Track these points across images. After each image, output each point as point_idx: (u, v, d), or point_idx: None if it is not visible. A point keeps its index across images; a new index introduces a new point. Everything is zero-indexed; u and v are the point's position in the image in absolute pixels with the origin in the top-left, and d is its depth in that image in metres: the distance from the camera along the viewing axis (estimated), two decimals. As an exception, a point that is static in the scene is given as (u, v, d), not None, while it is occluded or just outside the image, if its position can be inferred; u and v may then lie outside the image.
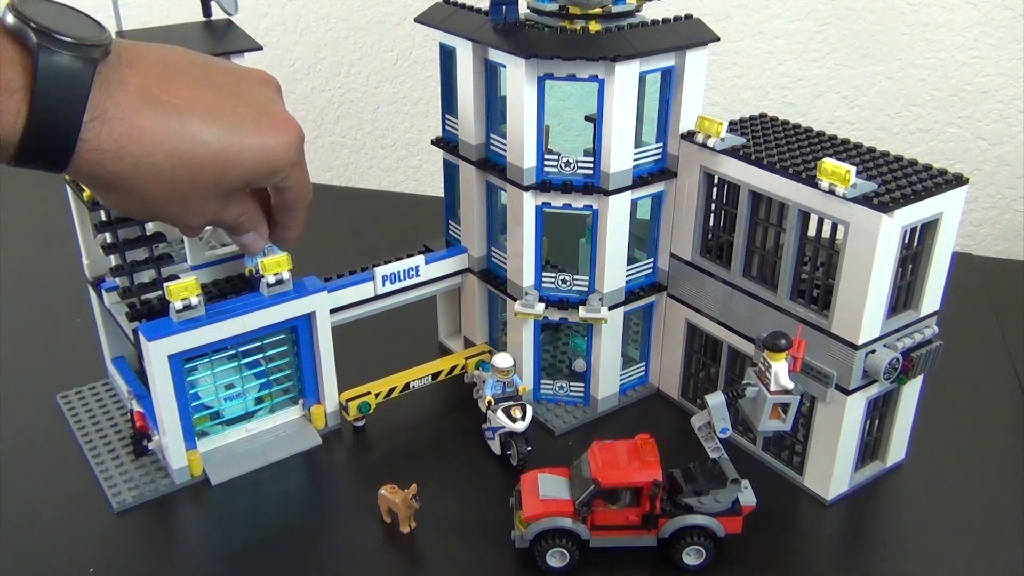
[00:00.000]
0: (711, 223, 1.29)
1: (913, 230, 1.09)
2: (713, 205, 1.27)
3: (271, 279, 1.23)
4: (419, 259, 1.40)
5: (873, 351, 1.12)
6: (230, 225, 0.62)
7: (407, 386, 1.40)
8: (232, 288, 1.28)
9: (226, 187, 0.55)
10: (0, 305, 1.71)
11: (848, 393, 1.13)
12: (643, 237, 1.38)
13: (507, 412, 1.24)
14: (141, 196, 0.52)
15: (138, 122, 0.49)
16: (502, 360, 1.27)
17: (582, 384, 1.39)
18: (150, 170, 0.50)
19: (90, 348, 1.47)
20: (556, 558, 1.08)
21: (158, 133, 0.50)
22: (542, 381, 1.40)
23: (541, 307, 1.31)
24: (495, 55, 1.25)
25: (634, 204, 1.28)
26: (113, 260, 1.22)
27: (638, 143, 1.29)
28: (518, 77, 1.18)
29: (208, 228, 0.66)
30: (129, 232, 1.21)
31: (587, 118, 1.32)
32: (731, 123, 1.29)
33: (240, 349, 1.27)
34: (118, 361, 1.43)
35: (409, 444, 1.34)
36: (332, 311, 1.31)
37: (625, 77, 1.17)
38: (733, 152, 1.19)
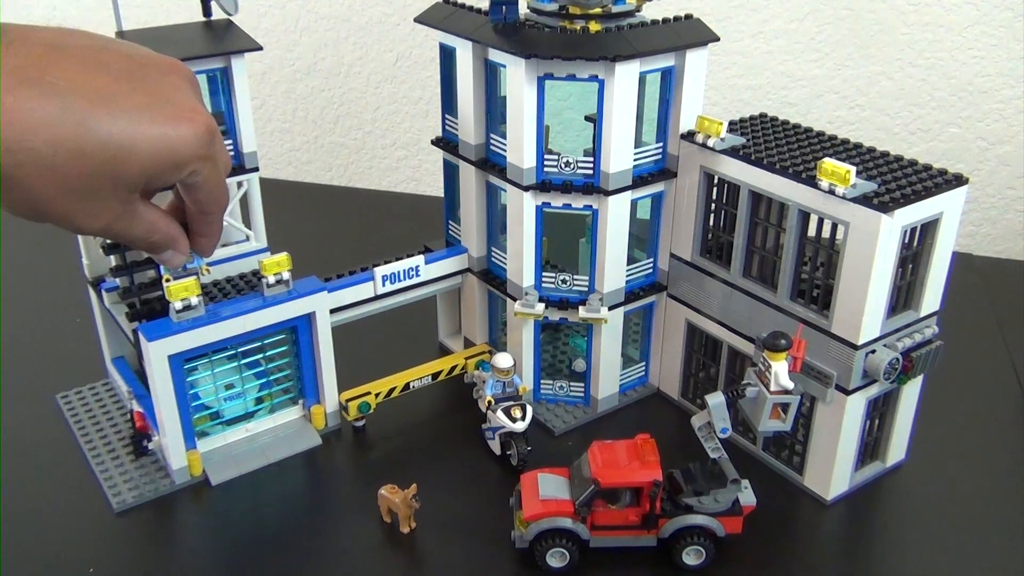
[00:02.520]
0: (711, 223, 1.28)
1: (913, 230, 1.09)
2: (713, 205, 1.27)
3: (271, 279, 1.23)
4: (419, 259, 1.40)
5: (873, 351, 1.12)
6: (142, 245, 0.55)
7: (407, 386, 1.40)
8: (232, 288, 1.28)
9: (123, 182, 0.49)
10: (0, 305, 1.71)
11: (848, 393, 1.13)
12: (643, 237, 1.38)
13: (507, 412, 1.24)
14: (23, 189, 0.46)
15: (11, 103, 0.44)
16: (502, 360, 1.27)
17: (582, 384, 1.39)
18: (28, 157, 0.45)
19: (90, 348, 1.47)
20: (556, 558, 1.08)
21: (34, 116, 0.45)
22: (542, 381, 1.40)
23: (541, 307, 1.31)
24: (495, 55, 1.25)
25: (634, 204, 1.28)
26: (113, 260, 1.22)
27: (638, 143, 1.29)
28: (518, 77, 1.18)
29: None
30: (129, 232, 1.21)
31: (587, 118, 1.32)
32: (731, 123, 1.29)
33: (240, 349, 1.27)
34: (118, 361, 1.43)
35: (409, 444, 1.34)
36: (332, 311, 1.31)
37: (625, 77, 1.17)
38: (733, 152, 1.19)
